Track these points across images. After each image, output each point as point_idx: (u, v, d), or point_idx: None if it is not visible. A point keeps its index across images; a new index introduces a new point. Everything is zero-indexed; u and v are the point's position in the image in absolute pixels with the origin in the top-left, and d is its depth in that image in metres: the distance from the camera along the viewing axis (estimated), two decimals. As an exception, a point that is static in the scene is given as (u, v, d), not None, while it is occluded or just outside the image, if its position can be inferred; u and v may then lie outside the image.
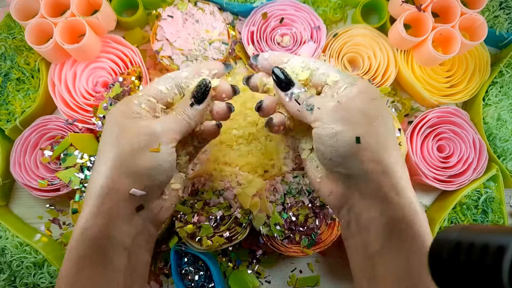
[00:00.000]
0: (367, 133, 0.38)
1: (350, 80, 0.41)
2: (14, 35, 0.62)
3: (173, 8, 0.62)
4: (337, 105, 0.39)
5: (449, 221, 0.61)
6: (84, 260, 0.38)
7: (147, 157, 0.39)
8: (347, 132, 0.38)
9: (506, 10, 0.65)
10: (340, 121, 0.39)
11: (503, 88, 0.64)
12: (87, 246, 0.38)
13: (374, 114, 0.39)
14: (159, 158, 0.40)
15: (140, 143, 0.39)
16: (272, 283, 0.64)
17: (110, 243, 0.39)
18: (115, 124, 0.40)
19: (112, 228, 0.39)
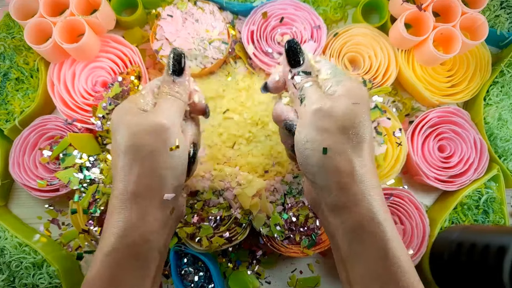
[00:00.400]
0: (337, 144, 0.38)
1: (337, 79, 0.41)
2: (13, 35, 0.62)
3: (173, 7, 0.62)
4: (318, 111, 0.38)
5: (450, 221, 0.61)
6: (124, 265, 0.38)
7: (169, 156, 0.39)
8: (317, 142, 0.38)
9: (507, 10, 0.64)
10: (314, 128, 0.38)
11: (504, 88, 0.64)
12: (127, 251, 0.38)
13: (352, 123, 0.38)
14: (178, 155, 0.40)
15: (158, 143, 0.39)
16: (272, 283, 0.63)
17: (148, 248, 0.39)
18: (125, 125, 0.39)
19: (150, 234, 0.39)
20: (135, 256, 0.38)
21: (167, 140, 0.39)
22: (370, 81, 0.62)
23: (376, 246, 0.37)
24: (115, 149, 0.40)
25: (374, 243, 0.37)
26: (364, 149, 0.39)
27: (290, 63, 0.42)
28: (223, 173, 0.57)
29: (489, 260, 0.50)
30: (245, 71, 0.64)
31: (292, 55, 0.42)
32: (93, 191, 0.55)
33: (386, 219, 0.38)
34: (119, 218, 0.39)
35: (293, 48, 0.42)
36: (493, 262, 0.49)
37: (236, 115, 0.61)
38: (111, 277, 0.38)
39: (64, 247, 0.63)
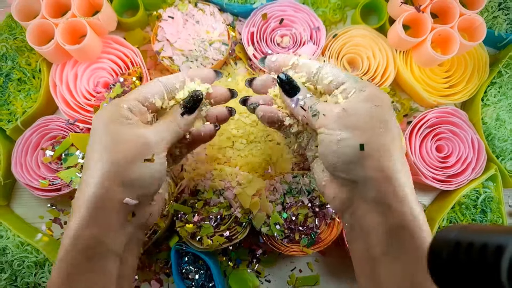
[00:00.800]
0: (371, 140, 0.38)
1: (359, 86, 0.41)
2: (16, 36, 0.63)
3: (174, 9, 0.62)
4: (342, 111, 0.39)
5: (448, 220, 0.62)
6: (77, 268, 0.38)
7: (140, 167, 0.39)
8: (351, 139, 0.38)
9: (505, 11, 0.65)
10: (345, 128, 0.39)
11: (502, 88, 0.64)
12: (80, 255, 0.38)
13: (379, 121, 0.39)
14: (152, 168, 0.40)
15: (134, 153, 0.39)
16: (272, 282, 0.64)
17: (102, 251, 0.39)
18: (104, 130, 0.39)
19: (105, 237, 0.39)
20: (88, 259, 0.38)
21: (144, 152, 0.40)
22: (368, 81, 0.63)
23: (417, 246, 0.37)
24: (90, 148, 0.40)
25: (415, 244, 0.37)
26: (397, 144, 0.39)
27: (289, 94, 0.43)
28: (223, 172, 0.58)
29: (487, 259, 0.50)
30: (245, 72, 0.65)
31: (288, 88, 0.43)
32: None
33: (425, 220, 0.38)
34: (74, 219, 0.38)
35: (288, 81, 0.43)
36: (491, 261, 0.49)
37: (236, 115, 0.61)
38: (67, 281, 0.37)
39: (66, 246, 0.63)
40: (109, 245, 0.39)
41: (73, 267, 0.37)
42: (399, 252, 0.38)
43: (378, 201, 0.39)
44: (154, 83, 0.44)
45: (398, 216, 0.38)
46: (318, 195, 0.57)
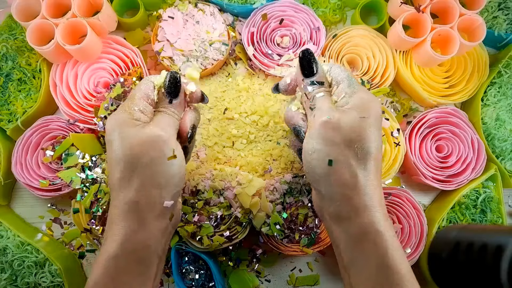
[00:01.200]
0: (342, 156, 0.39)
1: (350, 91, 0.41)
2: (16, 36, 0.63)
3: (174, 9, 0.62)
4: (326, 122, 0.39)
5: (448, 220, 0.62)
6: (125, 270, 0.39)
7: (168, 166, 0.40)
8: (323, 153, 0.39)
9: (505, 11, 0.65)
10: (321, 140, 0.39)
11: (502, 88, 0.65)
12: (129, 258, 0.39)
13: (358, 137, 0.39)
14: (178, 164, 0.41)
15: (158, 155, 0.40)
16: (272, 282, 0.64)
17: (148, 253, 0.40)
18: (121, 137, 0.40)
19: (151, 241, 0.40)
20: (136, 262, 0.39)
21: (164, 151, 0.40)
22: (369, 81, 0.63)
23: (377, 255, 0.38)
24: (111, 160, 0.40)
25: (375, 252, 0.38)
26: (369, 162, 0.40)
27: (304, 72, 0.43)
28: (224, 172, 0.58)
29: (487, 259, 0.50)
30: (245, 72, 0.65)
31: (306, 65, 0.42)
32: (95, 190, 0.56)
33: (387, 229, 0.39)
34: (120, 226, 0.39)
35: (307, 58, 0.42)
36: (491, 261, 0.49)
37: (236, 115, 0.61)
38: (114, 282, 0.38)
39: (66, 246, 0.63)
40: (153, 248, 0.41)
41: (121, 268, 0.39)
42: (362, 262, 0.39)
43: (338, 215, 0.40)
44: (147, 82, 0.44)
45: (357, 227, 0.39)
46: (318, 195, 0.57)
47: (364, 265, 0.39)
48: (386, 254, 0.38)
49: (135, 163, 0.39)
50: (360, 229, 0.39)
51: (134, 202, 0.39)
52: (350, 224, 0.39)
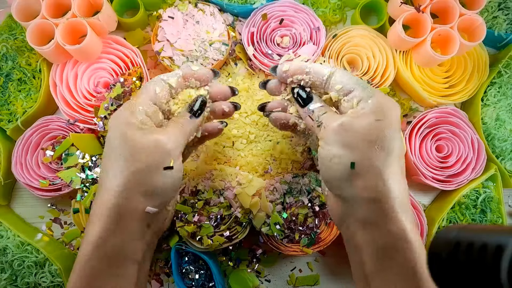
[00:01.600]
0: (364, 159, 0.38)
1: (366, 95, 0.40)
2: (16, 36, 0.63)
3: (174, 9, 0.62)
4: (340, 126, 0.39)
5: (448, 220, 0.62)
6: (99, 275, 0.38)
7: (162, 175, 0.40)
8: (343, 157, 0.38)
9: (505, 11, 0.65)
10: (339, 144, 0.39)
11: (502, 88, 0.65)
12: (102, 262, 0.39)
13: (376, 138, 0.38)
14: (173, 176, 0.41)
15: (155, 162, 0.39)
16: (272, 282, 0.64)
17: (124, 258, 0.39)
18: (123, 138, 0.39)
19: (126, 244, 0.39)
20: (109, 266, 0.39)
21: (164, 160, 0.40)
22: (369, 82, 0.63)
23: (406, 265, 0.37)
24: (108, 158, 0.40)
25: (404, 263, 0.37)
26: (393, 163, 0.39)
27: (301, 104, 0.44)
28: (224, 172, 0.58)
29: (487, 259, 0.50)
30: (245, 72, 0.65)
31: (301, 100, 0.44)
32: (95, 190, 0.56)
33: (416, 238, 0.38)
34: (96, 227, 0.39)
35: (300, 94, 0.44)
36: (491, 261, 0.49)
37: (236, 114, 0.61)
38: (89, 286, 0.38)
39: (66, 246, 0.63)
40: (130, 253, 0.40)
41: (94, 273, 0.38)
42: (390, 271, 0.38)
43: (366, 221, 0.39)
44: (157, 81, 0.44)
45: (387, 235, 0.38)
46: (318, 195, 0.57)
47: (392, 276, 0.37)
48: (416, 264, 0.37)
49: (129, 167, 0.39)
50: (390, 237, 0.38)
51: (115, 204, 0.39)
52: (379, 232, 0.38)
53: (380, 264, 0.38)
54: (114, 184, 0.39)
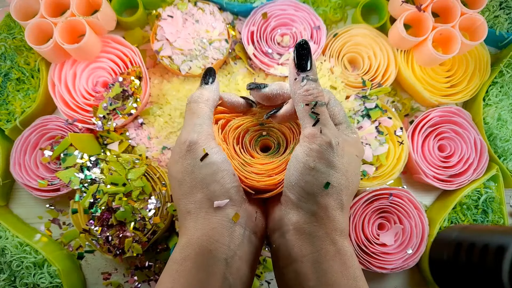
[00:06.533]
0: (338, 184, 0.38)
1: (349, 131, 0.42)
2: (14, 35, 0.62)
3: (173, 8, 0.62)
4: (335, 145, 0.38)
5: (449, 221, 0.61)
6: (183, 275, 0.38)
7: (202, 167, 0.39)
8: (323, 175, 0.38)
9: (506, 10, 0.65)
10: (325, 161, 0.38)
11: (504, 88, 0.64)
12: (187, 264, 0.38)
13: (353, 171, 0.40)
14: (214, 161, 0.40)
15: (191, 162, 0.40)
16: (272, 283, 0.64)
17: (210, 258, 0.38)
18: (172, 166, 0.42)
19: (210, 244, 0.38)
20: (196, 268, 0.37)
21: (196, 154, 0.39)
22: (370, 81, 0.63)
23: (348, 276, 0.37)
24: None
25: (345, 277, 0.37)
26: (353, 195, 0.41)
27: (300, 63, 0.39)
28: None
29: (488, 260, 0.50)
30: (245, 72, 0.64)
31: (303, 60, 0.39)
32: (94, 191, 0.55)
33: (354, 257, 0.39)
34: (181, 234, 0.40)
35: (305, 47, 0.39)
36: (492, 262, 0.49)
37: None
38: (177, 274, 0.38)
39: (65, 246, 0.63)
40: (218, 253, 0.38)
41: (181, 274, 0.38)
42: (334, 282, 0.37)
43: (313, 233, 0.38)
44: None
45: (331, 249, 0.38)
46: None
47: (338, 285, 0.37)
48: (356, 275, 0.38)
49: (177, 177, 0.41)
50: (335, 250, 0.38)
51: (186, 210, 0.40)
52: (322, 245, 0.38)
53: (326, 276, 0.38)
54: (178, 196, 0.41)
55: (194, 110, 0.42)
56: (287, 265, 0.40)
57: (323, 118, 0.38)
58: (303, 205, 0.39)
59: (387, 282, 0.64)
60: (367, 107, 0.61)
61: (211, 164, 0.39)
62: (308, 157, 0.38)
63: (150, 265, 0.61)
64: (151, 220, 0.56)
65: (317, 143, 0.38)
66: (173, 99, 0.62)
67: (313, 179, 0.38)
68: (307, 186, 0.38)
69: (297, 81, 0.39)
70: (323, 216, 0.38)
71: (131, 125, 0.62)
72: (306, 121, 0.39)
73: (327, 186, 0.38)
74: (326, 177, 0.38)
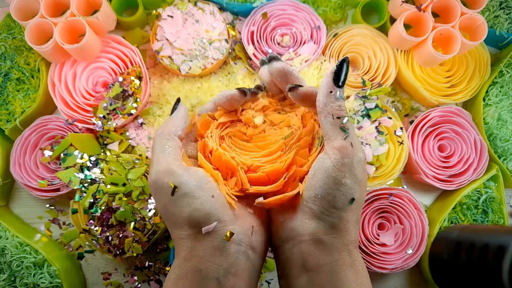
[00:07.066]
0: (361, 199, 0.39)
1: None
2: (14, 35, 0.62)
3: (173, 8, 0.62)
4: (364, 161, 0.38)
5: (449, 221, 0.61)
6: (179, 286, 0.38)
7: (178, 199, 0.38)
8: (351, 191, 0.38)
9: (506, 10, 0.65)
10: (354, 177, 0.38)
11: (503, 88, 0.64)
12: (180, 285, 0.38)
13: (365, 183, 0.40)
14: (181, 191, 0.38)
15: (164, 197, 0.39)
16: (272, 283, 0.64)
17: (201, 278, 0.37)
18: None
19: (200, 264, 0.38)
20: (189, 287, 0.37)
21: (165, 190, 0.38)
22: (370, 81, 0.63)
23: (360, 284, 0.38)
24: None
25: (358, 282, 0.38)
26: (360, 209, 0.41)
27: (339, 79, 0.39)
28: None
29: (488, 259, 0.50)
30: (245, 72, 0.64)
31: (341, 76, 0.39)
32: (94, 191, 0.55)
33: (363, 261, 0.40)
34: (176, 254, 0.39)
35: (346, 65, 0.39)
36: (492, 262, 0.49)
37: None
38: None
39: (65, 246, 0.63)
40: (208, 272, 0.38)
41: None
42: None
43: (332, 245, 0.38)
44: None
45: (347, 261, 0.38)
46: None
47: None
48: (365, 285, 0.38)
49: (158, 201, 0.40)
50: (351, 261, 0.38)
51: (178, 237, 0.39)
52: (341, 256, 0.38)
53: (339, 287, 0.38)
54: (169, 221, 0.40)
55: (154, 144, 0.41)
56: (300, 275, 0.39)
57: (352, 132, 0.39)
58: (325, 217, 0.38)
59: (387, 282, 0.64)
60: (367, 107, 0.61)
61: (184, 195, 0.38)
62: (340, 172, 0.37)
63: (150, 265, 0.61)
64: (151, 220, 0.56)
65: (349, 157, 0.37)
66: (173, 99, 0.62)
67: (342, 194, 0.37)
68: (334, 200, 0.38)
69: (332, 94, 0.39)
70: (342, 229, 0.38)
71: (131, 125, 0.62)
72: (336, 133, 0.38)
73: (352, 201, 0.38)
74: (353, 193, 0.38)
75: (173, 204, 0.38)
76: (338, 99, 0.39)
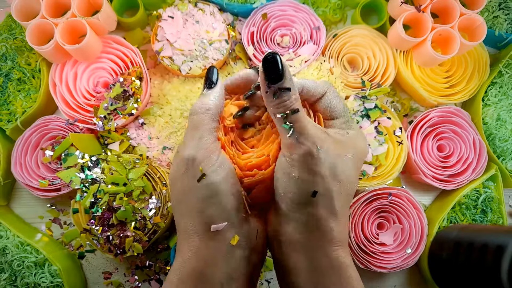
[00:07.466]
0: (327, 191, 0.37)
1: (345, 127, 0.40)
2: (15, 36, 0.62)
3: (174, 8, 0.62)
4: (316, 153, 0.36)
5: (449, 221, 0.62)
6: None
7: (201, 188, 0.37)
8: (309, 184, 0.36)
9: (505, 11, 0.65)
10: (307, 170, 0.36)
11: (502, 88, 0.64)
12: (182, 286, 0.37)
13: (343, 173, 0.37)
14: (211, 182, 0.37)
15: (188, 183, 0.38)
16: (272, 282, 0.64)
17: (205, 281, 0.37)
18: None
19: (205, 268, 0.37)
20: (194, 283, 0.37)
21: (194, 173, 0.37)
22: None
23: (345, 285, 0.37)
24: None
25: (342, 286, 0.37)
26: (348, 201, 0.39)
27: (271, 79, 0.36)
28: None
29: (487, 259, 0.50)
30: (245, 72, 0.64)
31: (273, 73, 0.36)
32: (95, 190, 0.56)
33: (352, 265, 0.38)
34: (178, 255, 0.39)
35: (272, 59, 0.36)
36: (491, 261, 0.49)
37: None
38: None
39: (66, 246, 0.63)
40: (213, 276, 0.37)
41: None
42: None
43: (305, 246, 0.38)
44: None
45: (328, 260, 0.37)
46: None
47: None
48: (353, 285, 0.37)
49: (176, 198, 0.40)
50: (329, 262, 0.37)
51: (184, 231, 0.38)
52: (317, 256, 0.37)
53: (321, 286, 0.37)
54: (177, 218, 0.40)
55: (194, 123, 0.39)
56: (284, 277, 0.39)
57: (298, 126, 0.36)
58: (294, 215, 0.38)
59: (386, 281, 0.64)
60: (367, 107, 0.61)
61: (209, 185, 0.37)
62: (292, 168, 0.37)
63: (151, 264, 0.61)
64: (152, 219, 0.56)
65: (296, 153, 0.36)
66: (173, 99, 0.62)
67: (299, 189, 0.37)
68: (294, 196, 0.37)
69: (269, 94, 0.37)
70: (314, 226, 0.37)
71: (132, 125, 0.63)
72: (282, 131, 0.37)
73: (314, 195, 0.36)
74: (312, 186, 0.36)
75: (197, 191, 0.37)
76: (277, 96, 0.36)
